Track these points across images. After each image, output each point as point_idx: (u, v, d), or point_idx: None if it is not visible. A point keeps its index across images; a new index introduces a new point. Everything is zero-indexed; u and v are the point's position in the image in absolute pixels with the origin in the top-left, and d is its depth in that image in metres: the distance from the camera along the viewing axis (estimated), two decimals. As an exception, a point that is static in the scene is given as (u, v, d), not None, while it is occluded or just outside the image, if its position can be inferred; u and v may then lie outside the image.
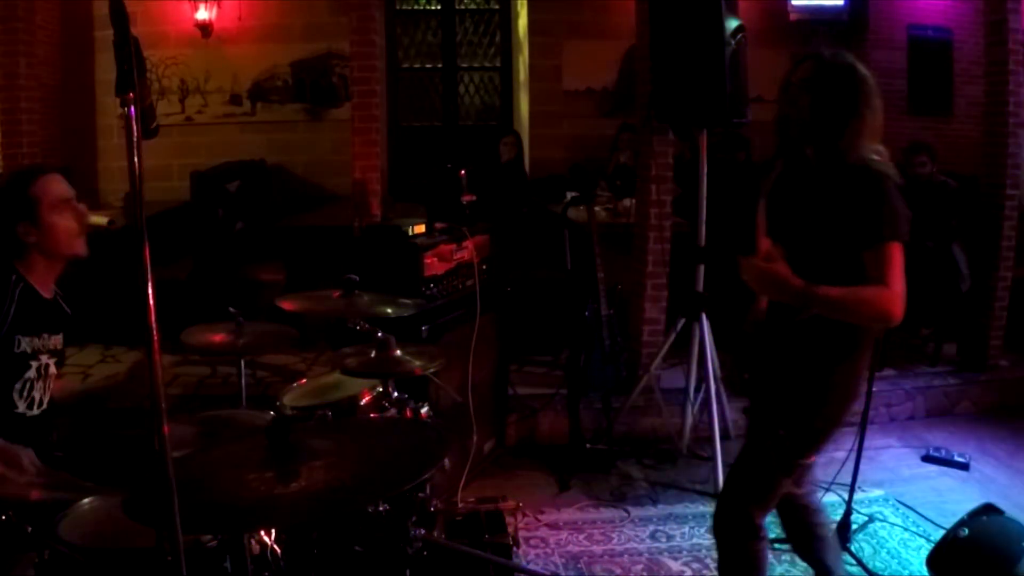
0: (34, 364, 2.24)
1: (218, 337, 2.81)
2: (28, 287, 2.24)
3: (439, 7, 7.59)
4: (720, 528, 2.43)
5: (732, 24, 3.69)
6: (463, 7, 7.62)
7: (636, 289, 4.63)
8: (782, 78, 2.28)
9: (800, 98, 2.21)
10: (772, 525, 3.40)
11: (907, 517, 3.52)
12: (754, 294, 2.41)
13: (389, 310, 2.80)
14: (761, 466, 2.30)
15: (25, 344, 2.22)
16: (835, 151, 2.17)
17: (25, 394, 2.24)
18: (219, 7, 6.90)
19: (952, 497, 3.72)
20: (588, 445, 4.08)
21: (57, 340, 2.35)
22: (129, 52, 1.28)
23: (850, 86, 2.17)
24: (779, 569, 3.09)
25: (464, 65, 7.67)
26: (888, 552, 3.23)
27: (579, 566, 3.15)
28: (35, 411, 2.27)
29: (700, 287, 4.07)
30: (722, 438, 3.91)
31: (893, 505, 3.63)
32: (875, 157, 2.16)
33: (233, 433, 2.35)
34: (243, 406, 2.93)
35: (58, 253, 2.28)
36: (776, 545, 3.23)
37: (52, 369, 2.32)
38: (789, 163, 2.30)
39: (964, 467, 4.05)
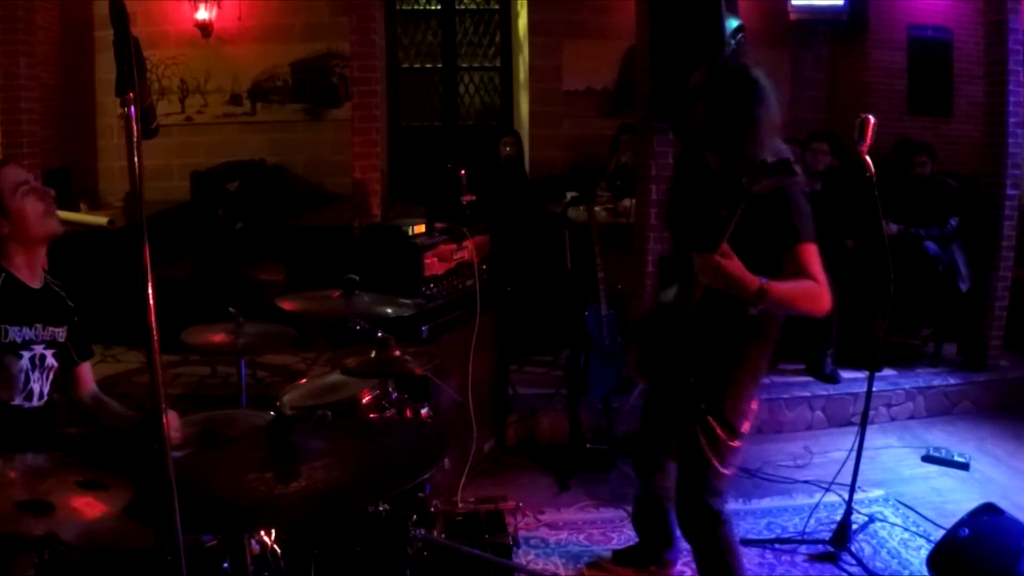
0: (26, 355, 2.23)
1: (218, 337, 2.81)
2: (11, 278, 2.23)
3: (439, 7, 7.58)
4: (684, 524, 2.51)
5: (732, 24, 3.69)
6: (463, 7, 7.62)
7: (636, 289, 4.63)
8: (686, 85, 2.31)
9: (696, 104, 2.23)
10: (772, 524, 3.42)
11: (907, 517, 3.52)
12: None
13: (389, 310, 2.80)
14: (696, 456, 2.37)
15: (14, 334, 2.21)
16: (738, 157, 2.13)
17: (21, 386, 2.23)
18: (219, 7, 6.90)
19: (952, 497, 3.72)
20: (588, 445, 4.08)
21: (57, 331, 2.33)
22: (129, 52, 1.28)
23: (743, 91, 2.16)
24: (779, 569, 3.09)
25: (464, 65, 7.66)
26: (888, 552, 3.23)
27: (579, 566, 3.14)
28: (35, 403, 2.26)
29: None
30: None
31: (893, 505, 3.63)
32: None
33: (233, 433, 2.35)
34: (243, 406, 2.93)
35: (32, 238, 2.26)
36: (776, 545, 3.25)
37: (50, 360, 2.31)
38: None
39: (964, 467, 4.05)
